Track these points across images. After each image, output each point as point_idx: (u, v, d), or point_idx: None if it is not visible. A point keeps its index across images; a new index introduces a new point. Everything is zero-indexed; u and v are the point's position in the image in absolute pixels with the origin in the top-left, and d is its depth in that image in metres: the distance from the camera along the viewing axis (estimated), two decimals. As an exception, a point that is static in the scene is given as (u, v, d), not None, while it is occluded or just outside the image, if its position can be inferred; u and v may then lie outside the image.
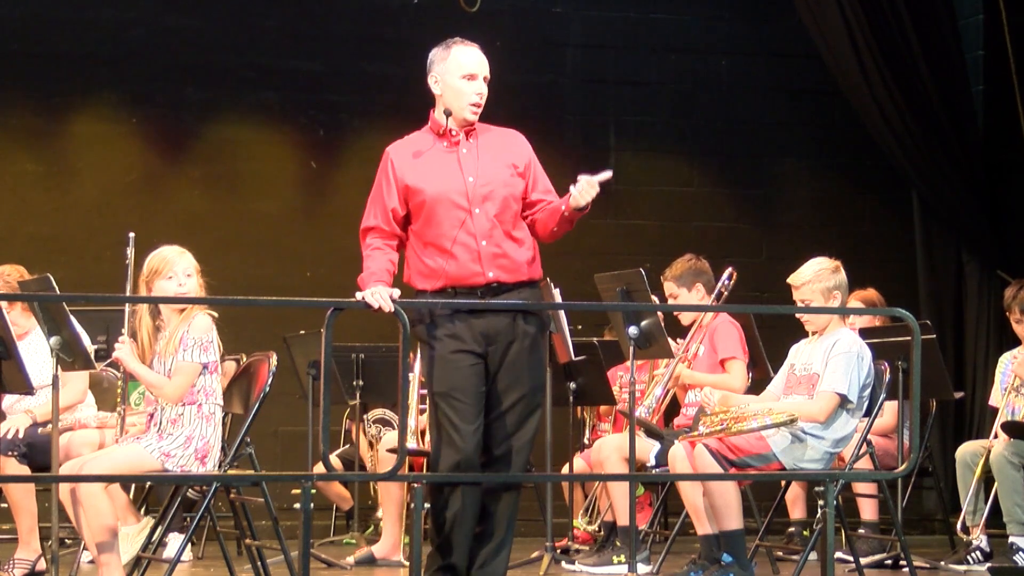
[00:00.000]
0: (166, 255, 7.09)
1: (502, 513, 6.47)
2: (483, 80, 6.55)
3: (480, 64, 6.56)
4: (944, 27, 11.17)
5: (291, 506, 10.29)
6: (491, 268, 6.44)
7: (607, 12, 11.55)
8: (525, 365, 6.45)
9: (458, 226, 6.43)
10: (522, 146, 6.61)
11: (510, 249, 6.47)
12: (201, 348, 6.94)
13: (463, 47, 6.56)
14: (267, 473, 8.45)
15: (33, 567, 8.03)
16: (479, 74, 6.54)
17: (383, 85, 11.11)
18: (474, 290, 6.44)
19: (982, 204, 11.22)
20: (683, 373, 8.50)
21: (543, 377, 6.68)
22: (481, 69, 6.56)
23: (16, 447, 7.83)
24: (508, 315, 6.45)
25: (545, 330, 6.67)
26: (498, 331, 6.44)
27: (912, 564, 8.00)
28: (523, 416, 6.46)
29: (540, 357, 6.56)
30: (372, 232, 6.55)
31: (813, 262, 7.60)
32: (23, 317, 8.11)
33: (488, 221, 6.43)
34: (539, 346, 6.53)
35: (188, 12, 10.95)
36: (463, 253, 6.43)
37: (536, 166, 6.61)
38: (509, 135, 6.64)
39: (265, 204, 11.02)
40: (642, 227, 11.52)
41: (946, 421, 11.03)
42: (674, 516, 9.19)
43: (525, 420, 6.47)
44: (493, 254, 6.44)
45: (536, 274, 6.55)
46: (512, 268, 6.48)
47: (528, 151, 6.60)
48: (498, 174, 6.46)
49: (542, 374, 6.63)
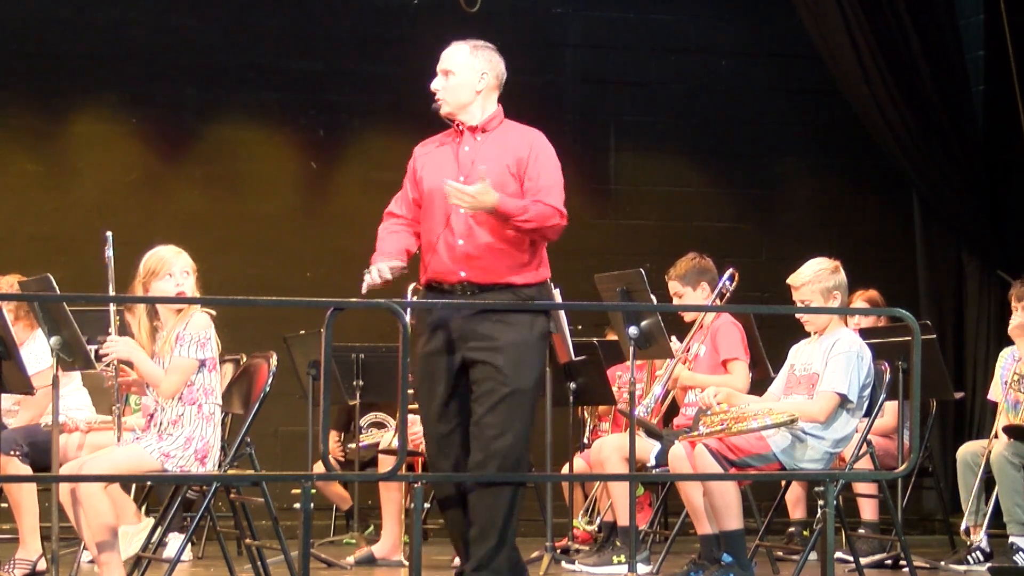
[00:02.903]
0: (163, 255, 7.07)
1: (488, 513, 6.44)
2: (439, 74, 6.61)
3: (441, 59, 6.63)
4: (944, 27, 11.17)
5: (291, 506, 10.29)
6: (463, 268, 6.48)
7: (607, 12, 11.56)
8: (510, 368, 6.44)
9: (444, 223, 6.50)
10: (526, 146, 6.55)
11: (488, 252, 6.46)
12: (198, 344, 6.93)
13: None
14: (267, 473, 8.45)
15: (33, 567, 8.04)
16: (437, 70, 6.62)
17: (383, 85, 11.11)
18: (453, 288, 6.50)
19: (982, 204, 11.22)
20: (682, 375, 8.49)
21: (520, 381, 6.48)
22: (441, 63, 6.62)
23: (19, 447, 7.84)
24: (484, 317, 6.45)
25: (528, 335, 6.49)
26: (462, 329, 6.46)
27: (912, 564, 8.00)
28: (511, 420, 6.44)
29: (525, 360, 6.47)
30: (387, 216, 6.70)
31: (812, 262, 7.60)
32: (24, 332, 8.10)
33: (467, 221, 6.45)
34: (526, 350, 6.47)
35: (188, 12, 10.95)
36: (444, 250, 6.51)
37: (535, 164, 6.52)
38: (519, 134, 6.60)
39: (265, 204, 11.02)
40: (642, 227, 11.51)
41: (946, 421, 11.03)
42: (674, 516, 9.19)
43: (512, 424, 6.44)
44: (467, 255, 6.47)
45: (520, 280, 6.49)
46: (487, 270, 6.47)
47: (529, 150, 6.53)
48: (490, 175, 6.45)
49: (517, 377, 6.48)
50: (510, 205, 6.40)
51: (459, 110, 6.60)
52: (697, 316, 8.64)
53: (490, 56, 6.65)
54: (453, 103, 6.59)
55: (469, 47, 6.64)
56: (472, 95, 6.59)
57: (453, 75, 6.59)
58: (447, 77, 6.60)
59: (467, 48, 6.63)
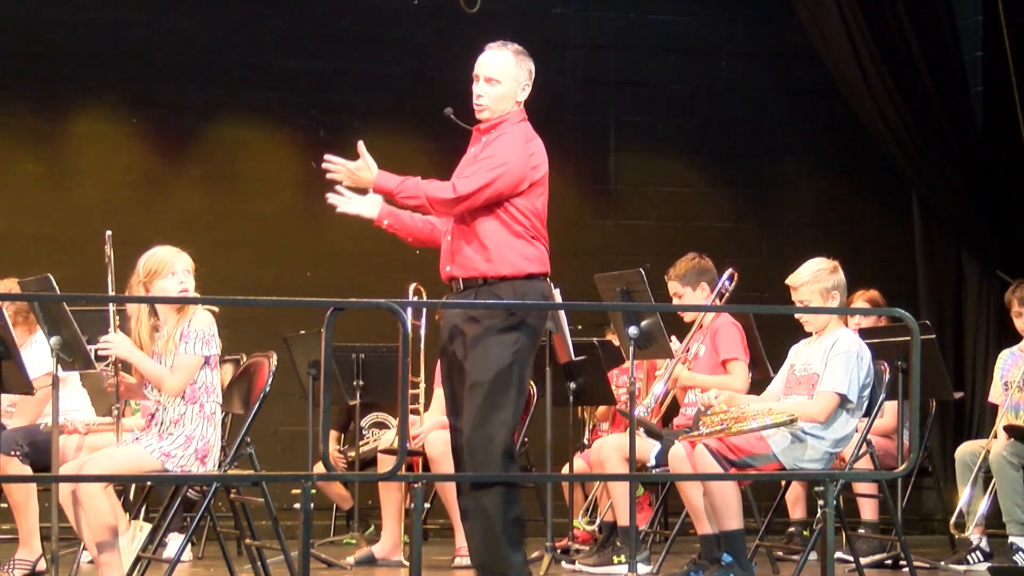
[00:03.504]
0: (164, 255, 7.06)
1: (480, 511, 6.53)
2: (483, 80, 6.61)
3: (478, 65, 6.67)
4: (943, 28, 11.17)
5: (291, 506, 10.28)
6: (449, 263, 6.67)
7: (607, 12, 11.56)
8: (471, 363, 6.54)
9: (448, 220, 6.67)
10: (497, 137, 6.62)
11: (465, 246, 6.60)
12: (203, 341, 6.92)
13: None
14: (267, 473, 8.44)
15: (33, 567, 8.04)
16: (479, 74, 6.65)
17: (383, 85, 11.11)
18: (449, 285, 6.70)
19: (982, 204, 11.22)
20: (682, 375, 8.49)
21: (478, 373, 6.54)
22: (479, 69, 6.65)
23: (19, 447, 7.84)
24: (461, 314, 6.57)
25: (489, 326, 6.54)
26: (453, 328, 6.61)
27: (912, 564, 8.00)
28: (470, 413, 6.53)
29: (484, 353, 6.52)
30: None
31: (811, 263, 7.60)
32: (21, 337, 8.09)
33: (450, 218, 6.60)
34: (485, 343, 6.52)
35: (188, 12, 10.95)
36: (444, 247, 6.72)
37: (493, 148, 6.56)
38: (506, 131, 6.65)
39: (265, 204, 11.02)
40: (642, 227, 11.51)
41: (946, 421, 11.03)
42: (674, 516, 9.19)
43: (471, 417, 6.53)
44: (451, 250, 6.65)
45: (492, 271, 6.56)
46: (464, 264, 6.62)
47: (496, 140, 6.59)
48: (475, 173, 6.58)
49: (475, 369, 6.54)
50: (388, 182, 6.47)
51: (497, 117, 6.64)
52: (697, 316, 8.64)
53: (529, 66, 6.70)
54: (495, 112, 6.64)
55: (513, 56, 6.64)
56: (512, 105, 6.66)
57: (499, 84, 6.61)
58: (492, 85, 6.61)
59: (511, 57, 6.64)
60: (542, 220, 6.71)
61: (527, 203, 6.62)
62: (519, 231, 6.59)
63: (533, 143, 6.67)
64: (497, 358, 6.51)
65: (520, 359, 6.57)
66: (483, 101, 6.63)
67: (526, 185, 6.60)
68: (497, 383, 6.51)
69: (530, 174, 6.61)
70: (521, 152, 6.58)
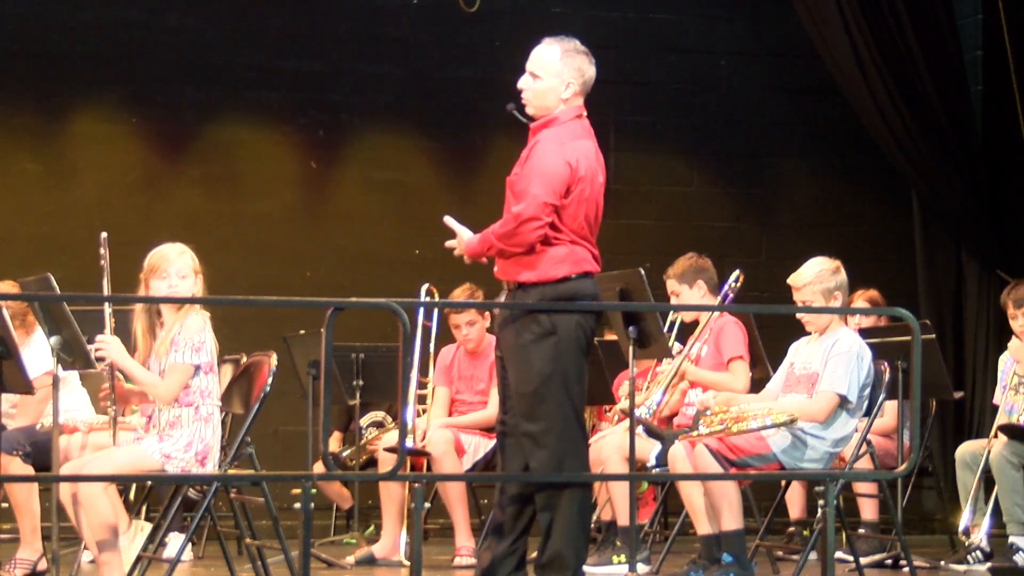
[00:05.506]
0: (165, 254, 7.05)
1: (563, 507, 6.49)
2: (528, 74, 6.59)
3: (531, 58, 6.61)
4: (943, 27, 11.17)
5: (291, 506, 10.23)
6: (497, 264, 6.66)
7: (607, 12, 11.55)
8: (511, 372, 6.55)
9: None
10: (535, 144, 6.56)
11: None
12: (193, 349, 6.89)
13: None
14: (267, 473, 8.44)
15: (34, 567, 8.04)
16: (527, 67, 6.61)
17: (383, 85, 11.11)
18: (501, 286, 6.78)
19: (982, 204, 11.22)
20: (688, 369, 8.48)
21: (521, 385, 6.51)
22: (528, 63, 6.61)
23: (21, 447, 7.84)
24: (505, 319, 6.58)
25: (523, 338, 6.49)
26: (498, 334, 6.67)
27: (912, 564, 8.00)
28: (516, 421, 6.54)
29: (521, 362, 6.48)
30: None
31: (813, 263, 7.59)
32: (20, 338, 8.08)
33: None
34: (518, 351, 6.48)
35: (188, 12, 10.94)
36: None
37: (531, 161, 6.53)
38: (544, 137, 6.57)
39: (265, 204, 11.01)
40: (642, 227, 11.51)
41: (946, 421, 11.03)
42: (674, 516, 9.19)
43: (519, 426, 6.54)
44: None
45: (524, 277, 6.52)
46: (503, 269, 6.62)
47: (536, 146, 6.54)
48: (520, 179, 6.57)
49: (517, 381, 6.52)
50: (475, 248, 6.54)
51: (543, 113, 6.58)
52: (697, 315, 8.64)
53: (580, 64, 6.58)
54: (537, 107, 6.59)
55: (560, 52, 6.56)
56: (556, 102, 6.55)
57: (540, 80, 6.54)
58: (533, 80, 6.56)
59: (558, 52, 6.56)
60: (577, 220, 6.61)
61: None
62: (549, 234, 6.51)
63: (573, 144, 6.52)
64: (537, 368, 6.44)
65: (560, 369, 6.43)
66: (525, 95, 6.57)
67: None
68: (543, 393, 6.43)
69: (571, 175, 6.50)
70: (554, 158, 6.47)
